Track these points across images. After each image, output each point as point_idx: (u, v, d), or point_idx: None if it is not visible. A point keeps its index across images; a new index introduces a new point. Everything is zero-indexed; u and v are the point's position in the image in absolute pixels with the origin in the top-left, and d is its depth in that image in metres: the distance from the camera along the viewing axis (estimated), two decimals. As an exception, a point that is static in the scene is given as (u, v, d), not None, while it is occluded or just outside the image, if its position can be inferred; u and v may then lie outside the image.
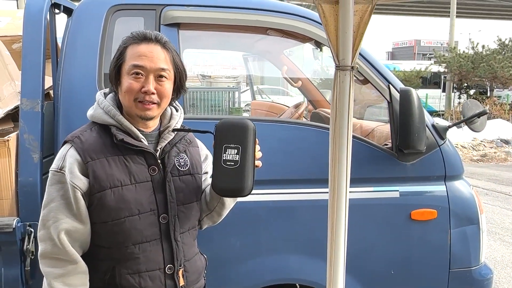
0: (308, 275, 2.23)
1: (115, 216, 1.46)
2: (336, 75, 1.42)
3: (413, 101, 2.11)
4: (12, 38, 2.68)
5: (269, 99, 5.78)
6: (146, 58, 1.46)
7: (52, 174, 1.47)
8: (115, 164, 1.47)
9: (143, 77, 1.46)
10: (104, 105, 1.52)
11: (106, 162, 1.46)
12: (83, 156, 1.45)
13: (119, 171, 1.46)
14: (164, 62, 1.49)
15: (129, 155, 1.49)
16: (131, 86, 1.46)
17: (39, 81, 2.04)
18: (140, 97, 1.46)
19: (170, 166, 1.55)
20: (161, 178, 1.53)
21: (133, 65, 1.45)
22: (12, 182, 1.97)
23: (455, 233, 2.30)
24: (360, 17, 1.39)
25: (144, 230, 1.50)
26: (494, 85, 20.73)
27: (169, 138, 1.58)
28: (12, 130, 2.12)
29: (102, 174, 1.45)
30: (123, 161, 1.48)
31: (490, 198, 7.55)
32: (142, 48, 1.47)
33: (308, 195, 2.21)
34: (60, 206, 1.45)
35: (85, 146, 1.46)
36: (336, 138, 1.43)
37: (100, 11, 2.11)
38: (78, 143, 1.47)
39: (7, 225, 1.91)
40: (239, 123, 1.48)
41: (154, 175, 1.52)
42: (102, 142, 1.48)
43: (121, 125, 1.49)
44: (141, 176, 1.50)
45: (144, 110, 1.48)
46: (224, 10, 2.20)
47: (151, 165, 1.52)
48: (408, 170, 2.28)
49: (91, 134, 1.50)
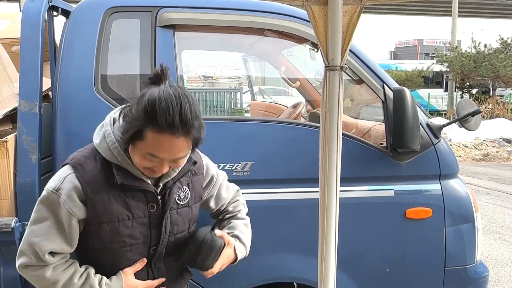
0: (305, 273, 2.25)
1: (107, 245, 1.49)
2: (326, 75, 1.44)
3: (406, 100, 2.12)
4: (11, 40, 2.71)
5: (270, 100, 5.80)
6: (166, 151, 1.35)
7: (47, 193, 1.44)
8: (115, 200, 1.45)
9: (157, 160, 1.38)
10: (109, 140, 1.44)
11: (106, 197, 1.44)
12: (84, 188, 1.42)
13: (118, 208, 1.45)
14: (184, 151, 1.39)
15: (129, 192, 1.47)
16: (142, 164, 1.40)
17: (37, 82, 2.07)
18: (150, 169, 1.42)
19: (171, 201, 1.54)
20: (159, 214, 1.52)
21: (150, 154, 1.36)
22: (10, 182, 2.00)
23: (450, 231, 2.32)
24: (349, 18, 1.41)
25: (134, 258, 1.54)
26: (497, 84, 20.66)
27: (173, 174, 1.53)
28: (10, 131, 2.15)
29: (101, 209, 1.44)
30: (124, 198, 1.46)
31: (491, 197, 7.55)
32: (165, 140, 1.32)
33: (305, 194, 2.22)
34: (52, 226, 1.43)
35: (87, 177, 1.43)
36: (326, 137, 1.45)
37: (97, 13, 2.13)
38: (81, 171, 1.43)
39: (5, 225, 1.94)
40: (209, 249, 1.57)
41: (152, 211, 1.51)
42: (105, 176, 1.44)
43: (123, 165, 1.45)
44: (139, 213, 1.49)
45: (152, 174, 1.45)
46: (220, 11, 2.22)
47: (150, 202, 1.50)
48: (402, 169, 2.29)
49: (95, 165, 1.45)
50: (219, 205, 1.80)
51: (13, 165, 2.00)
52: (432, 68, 23.15)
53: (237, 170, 2.14)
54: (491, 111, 16.94)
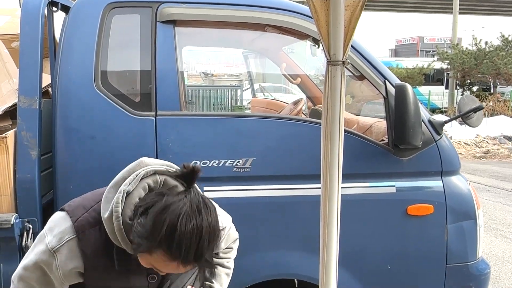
0: (306, 270, 2.24)
1: None
2: (328, 70, 1.42)
3: (408, 96, 2.11)
4: (11, 36, 2.70)
5: (271, 97, 5.79)
6: (171, 271, 1.31)
7: (44, 247, 1.36)
8: (115, 275, 1.39)
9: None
10: (117, 224, 1.29)
11: (106, 273, 1.38)
12: (85, 262, 1.35)
13: (118, 283, 1.40)
14: (191, 269, 1.33)
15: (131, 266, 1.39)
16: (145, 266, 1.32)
17: (37, 78, 2.05)
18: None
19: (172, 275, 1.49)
20: (158, 282, 1.47)
21: (155, 267, 1.29)
22: (10, 179, 1.99)
23: (452, 228, 2.31)
24: (351, 12, 1.39)
25: None
26: (498, 81, 20.65)
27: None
28: (10, 127, 2.14)
29: (99, 283, 1.40)
30: (124, 274, 1.40)
31: (492, 195, 7.54)
32: (173, 265, 1.24)
33: (306, 190, 2.22)
34: (40, 282, 1.39)
35: (89, 251, 1.35)
36: (328, 133, 1.44)
37: (97, 9, 2.12)
38: (83, 241, 1.34)
39: (5, 221, 1.92)
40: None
41: (152, 282, 1.46)
42: (108, 250, 1.35)
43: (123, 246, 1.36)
44: (138, 284, 1.45)
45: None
46: (220, 7, 2.20)
47: (150, 274, 1.44)
48: (404, 166, 2.28)
49: (100, 237, 1.35)
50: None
51: (13, 161, 1.99)
52: (433, 66, 23.11)
53: (238, 166, 2.13)
54: (492, 109, 16.93)
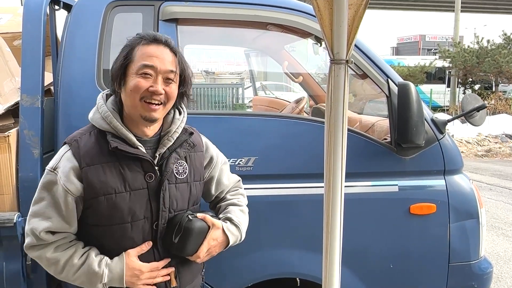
0: (308, 269, 2.24)
1: (107, 222, 1.48)
2: (331, 69, 1.42)
3: (411, 95, 2.11)
4: (13, 34, 2.70)
5: (272, 95, 5.78)
6: (157, 59, 1.46)
7: (46, 172, 1.50)
8: (110, 171, 1.46)
9: (151, 78, 1.46)
10: (102, 110, 1.51)
11: (101, 169, 1.46)
12: (79, 161, 1.45)
13: (114, 179, 1.46)
14: (173, 64, 1.50)
15: (125, 161, 1.48)
16: (139, 85, 1.44)
17: (39, 77, 2.05)
18: (147, 96, 1.45)
19: (168, 173, 1.53)
20: (158, 186, 1.52)
21: (143, 64, 1.45)
22: (12, 177, 1.99)
23: (455, 227, 2.30)
24: (354, 10, 1.39)
25: (136, 237, 1.50)
26: (499, 80, 20.60)
27: (168, 144, 1.55)
28: (12, 126, 2.14)
29: (96, 181, 1.45)
30: (119, 168, 1.47)
31: (494, 193, 7.53)
32: (152, 49, 1.47)
33: (308, 189, 2.21)
34: (49, 205, 1.47)
35: (82, 151, 1.46)
36: (331, 131, 1.44)
37: (99, 7, 2.12)
38: (75, 147, 1.47)
39: (8, 219, 1.93)
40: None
41: (150, 182, 1.50)
42: (99, 148, 1.47)
43: (117, 132, 1.48)
44: (137, 184, 1.48)
45: (150, 111, 1.47)
46: (222, 5, 2.20)
47: (147, 172, 1.50)
48: (407, 165, 2.28)
49: (90, 139, 1.49)
50: (218, 191, 1.78)
51: (15, 159, 1.99)
52: (435, 64, 23.06)
53: (240, 165, 2.13)
54: (494, 107, 16.89)
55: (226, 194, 1.81)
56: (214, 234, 1.58)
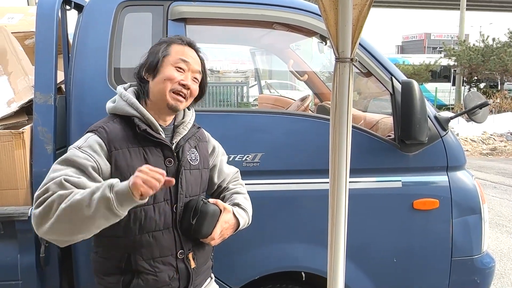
0: (313, 263, 2.28)
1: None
2: (336, 67, 1.47)
3: (414, 92, 2.15)
4: (25, 34, 2.75)
5: (277, 93, 5.83)
6: (192, 58, 1.68)
7: (69, 150, 1.55)
8: (135, 155, 1.57)
9: (183, 73, 1.65)
10: (127, 97, 1.65)
11: (128, 152, 1.57)
12: (107, 145, 1.55)
13: (139, 162, 1.55)
14: (200, 67, 1.72)
15: (148, 147, 1.60)
16: (173, 75, 1.61)
17: (52, 75, 2.11)
18: (176, 88, 1.61)
19: (184, 160, 1.67)
20: (175, 170, 1.64)
21: (181, 58, 1.64)
22: (27, 172, 2.04)
23: (457, 222, 2.34)
24: (359, 10, 1.44)
25: (158, 219, 1.60)
26: (505, 78, 20.53)
27: (183, 133, 1.71)
28: (26, 123, 2.20)
29: (123, 164, 1.55)
30: (143, 153, 1.59)
31: (499, 191, 7.55)
32: (187, 50, 1.69)
33: (313, 185, 2.26)
34: (72, 170, 1.45)
35: (110, 136, 1.56)
36: (336, 129, 1.49)
37: (110, 7, 2.17)
38: (103, 132, 1.57)
39: (22, 213, 1.98)
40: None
41: (169, 166, 1.63)
42: (125, 133, 1.59)
43: (143, 116, 1.60)
44: (158, 168, 1.53)
45: (176, 101, 1.62)
46: (230, 5, 2.25)
47: (167, 157, 1.63)
48: (410, 161, 2.32)
49: (114, 125, 1.61)
50: (221, 179, 1.90)
51: (29, 155, 2.05)
52: (440, 62, 23.02)
53: (247, 161, 2.18)
54: (499, 106, 16.84)
55: (228, 184, 1.93)
56: (225, 217, 1.70)
